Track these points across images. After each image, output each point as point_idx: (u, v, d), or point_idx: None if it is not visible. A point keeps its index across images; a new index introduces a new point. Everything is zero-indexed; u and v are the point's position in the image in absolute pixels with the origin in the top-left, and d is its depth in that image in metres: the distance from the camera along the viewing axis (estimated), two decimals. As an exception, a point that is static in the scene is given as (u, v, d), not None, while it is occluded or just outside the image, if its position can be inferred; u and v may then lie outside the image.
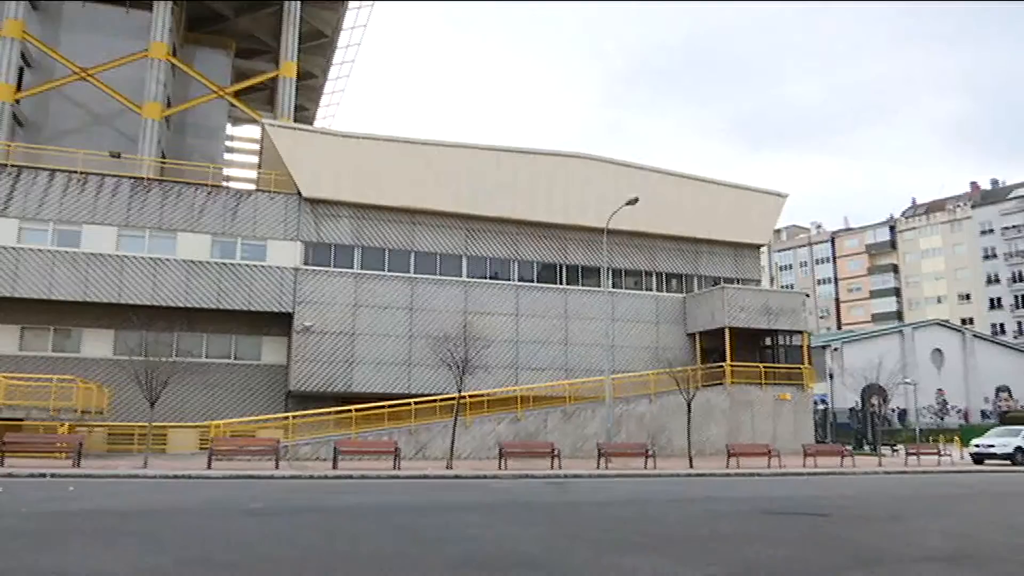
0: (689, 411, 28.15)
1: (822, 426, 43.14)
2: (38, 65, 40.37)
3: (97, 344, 30.75)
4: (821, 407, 45.94)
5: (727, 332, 35.43)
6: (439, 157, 34.78)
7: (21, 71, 39.02)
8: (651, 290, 38.56)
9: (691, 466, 25.95)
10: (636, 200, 29.83)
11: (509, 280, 35.75)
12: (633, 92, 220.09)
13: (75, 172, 30.42)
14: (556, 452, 24.96)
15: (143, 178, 31.64)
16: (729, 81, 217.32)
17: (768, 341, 38.88)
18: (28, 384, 25.03)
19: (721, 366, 34.80)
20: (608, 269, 35.75)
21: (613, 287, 37.05)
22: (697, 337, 37.75)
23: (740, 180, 65.28)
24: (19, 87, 38.34)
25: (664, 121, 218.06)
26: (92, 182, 30.45)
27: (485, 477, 21.58)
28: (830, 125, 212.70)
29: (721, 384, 34.45)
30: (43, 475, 18.35)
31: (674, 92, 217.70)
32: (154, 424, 23.99)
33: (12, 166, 29.82)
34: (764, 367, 35.76)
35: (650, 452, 25.94)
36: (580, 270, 37.14)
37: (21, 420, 24.50)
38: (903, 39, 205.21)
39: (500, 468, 23.59)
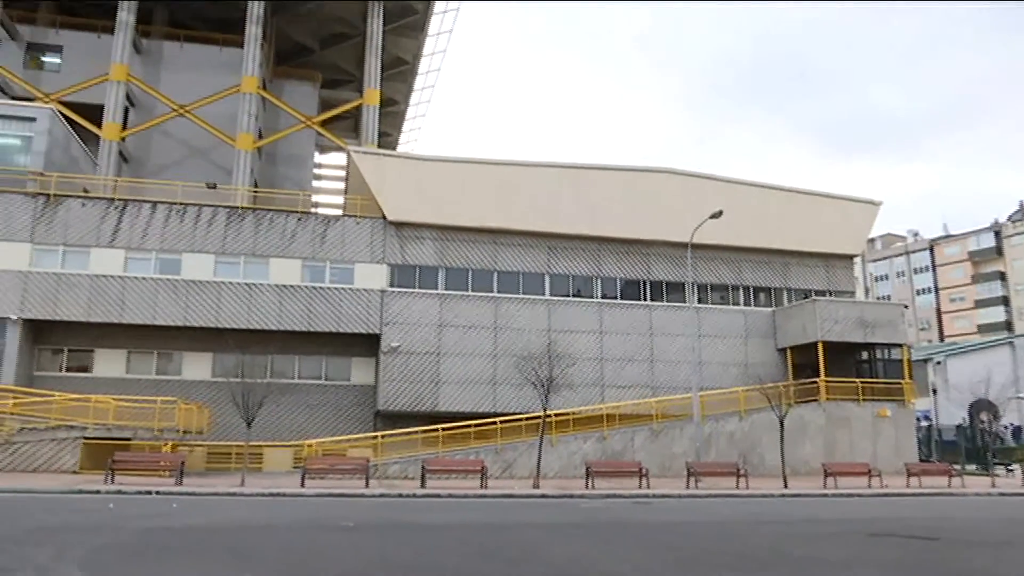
0: (782, 429, 27.22)
1: (926, 444, 40.94)
2: (140, 104, 42.91)
3: (197, 367, 32.15)
4: (924, 424, 43.63)
5: (820, 346, 34.19)
6: (519, 177, 35.05)
7: (126, 111, 41.55)
8: (738, 305, 37.61)
9: (785, 486, 25.06)
10: (720, 213, 29.25)
11: (592, 297, 35.55)
12: (712, 102, 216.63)
13: (175, 203, 32.07)
14: (644, 471, 24.54)
15: (238, 207, 33.05)
16: (809, 86, 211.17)
17: (864, 355, 37.28)
18: (135, 405, 26.40)
19: (815, 382, 33.57)
20: (693, 284, 35.10)
21: (699, 302, 36.34)
22: (788, 352, 36.56)
23: (828, 188, 63.19)
24: (124, 125, 40.83)
25: (744, 130, 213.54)
26: (191, 212, 32.02)
27: (572, 496, 21.40)
28: (921, 128, 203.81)
29: (815, 400, 33.20)
30: (149, 492, 19.23)
31: (752, 100, 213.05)
32: (250, 443, 24.85)
33: (119, 200, 31.69)
34: (861, 382, 34.28)
35: (741, 471, 25.18)
36: (664, 286, 36.60)
37: (129, 440, 25.83)
38: (991, 36, 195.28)
39: (587, 487, 23.36)
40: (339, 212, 38.69)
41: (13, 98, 40.17)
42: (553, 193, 35.08)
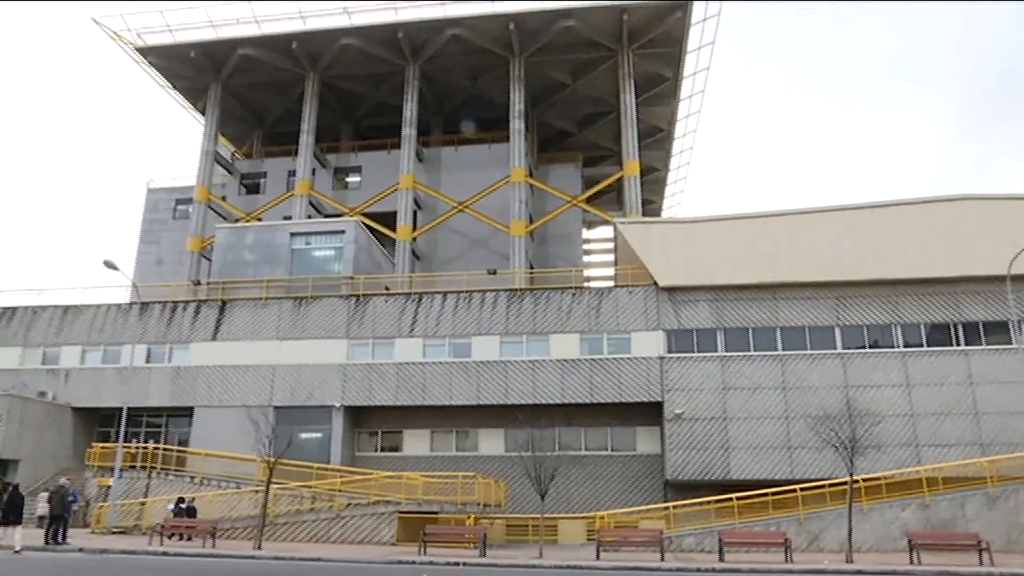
0: None
1: None
2: (426, 205, 47.90)
3: (490, 442, 33.98)
4: None
5: None
6: (794, 226, 33.20)
7: (415, 213, 46.52)
8: (1083, 342, 31.71)
9: None
10: (1043, 237, 25.20)
11: (892, 347, 32.08)
12: (990, 119, 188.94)
13: (462, 292, 34.84)
14: (983, 545, 21.14)
15: (517, 289, 35.04)
16: None
17: None
18: (439, 481, 28.43)
19: None
20: (1019, 322, 30.31)
21: (1028, 343, 31.22)
22: None
23: None
24: (414, 227, 45.65)
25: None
26: (476, 299, 34.53)
27: (895, 574, 19.00)
28: None
29: None
30: (457, 563, 20.34)
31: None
32: (544, 515, 25.44)
33: (415, 294, 35.15)
34: None
35: (1118, 544, 20.71)
36: (981, 327, 31.99)
37: (436, 513, 27.80)
38: None
39: (911, 563, 20.65)
40: (610, 284, 39.37)
41: (325, 216, 46.94)
42: (835, 239, 32.67)
